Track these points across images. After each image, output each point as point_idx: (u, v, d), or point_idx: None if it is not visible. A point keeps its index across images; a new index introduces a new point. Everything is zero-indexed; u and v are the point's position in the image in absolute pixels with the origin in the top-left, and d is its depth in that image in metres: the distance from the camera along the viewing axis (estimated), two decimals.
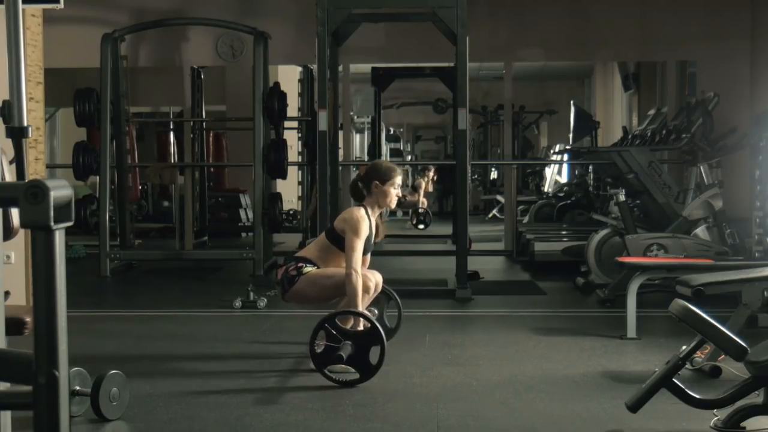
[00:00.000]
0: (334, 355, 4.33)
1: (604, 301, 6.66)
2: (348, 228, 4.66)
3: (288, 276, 4.71)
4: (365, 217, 4.72)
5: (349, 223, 4.67)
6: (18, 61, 3.25)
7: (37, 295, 1.61)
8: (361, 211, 4.73)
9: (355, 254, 4.59)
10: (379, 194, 4.80)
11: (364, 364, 4.40)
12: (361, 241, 4.63)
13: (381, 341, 4.38)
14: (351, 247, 4.61)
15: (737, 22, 9.53)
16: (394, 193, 4.81)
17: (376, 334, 4.40)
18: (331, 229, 4.80)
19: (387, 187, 4.79)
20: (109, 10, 9.71)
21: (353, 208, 4.80)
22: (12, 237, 3.08)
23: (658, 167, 7.79)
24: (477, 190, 17.03)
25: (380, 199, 4.81)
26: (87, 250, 9.53)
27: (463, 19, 6.94)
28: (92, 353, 4.97)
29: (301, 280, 4.68)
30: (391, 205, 4.90)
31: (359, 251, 4.62)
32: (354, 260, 4.58)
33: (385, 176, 4.81)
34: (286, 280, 4.72)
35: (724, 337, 3.58)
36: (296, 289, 4.70)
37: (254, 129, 8.47)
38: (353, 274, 4.56)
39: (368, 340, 4.42)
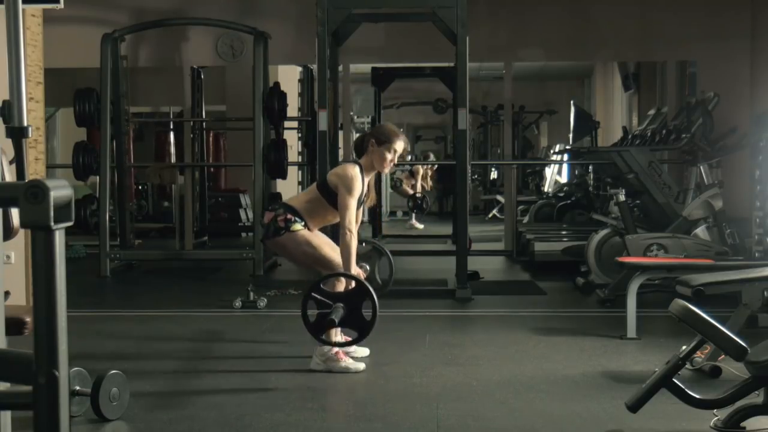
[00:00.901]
0: (329, 319, 4.29)
1: (604, 301, 6.66)
2: (341, 185, 4.60)
3: (276, 225, 4.63)
4: (359, 176, 4.65)
5: (343, 181, 4.61)
6: (18, 61, 3.25)
7: (37, 295, 1.61)
8: (355, 169, 4.67)
9: (348, 213, 4.54)
10: (374, 155, 4.73)
11: (359, 322, 4.36)
12: (354, 199, 4.58)
13: (370, 296, 4.34)
14: (344, 205, 4.56)
15: (737, 22, 9.53)
16: (389, 158, 4.71)
17: (363, 290, 4.35)
18: (324, 183, 4.73)
19: (383, 149, 4.71)
20: (109, 10, 9.71)
21: (348, 165, 4.72)
22: (12, 237, 3.08)
23: (658, 167, 7.79)
24: (477, 190, 17.03)
25: (375, 160, 4.73)
26: (87, 250, 9.53)
27: (463, 19, 6.94)
28: (92, 353, 4.97)
29: (287, 236, 4.60)
30: (383, 170, 4.80)
31: (353, 210, 4.57)
32: (348, 220, 4.53)
33: (383, 137, 4.74)
34: (272, 228, 4.64)
35: (724, 337, 3.58)
36: (279, 241, 4.64)
37: (254, 129, 8.47)
38: (347, 234, 4.51)
39: (358, 298, 4.37)
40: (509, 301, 7.15)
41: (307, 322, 4.38)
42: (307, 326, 4.40)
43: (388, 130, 4.82)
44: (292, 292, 7.21)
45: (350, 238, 4.51)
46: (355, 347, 5.00)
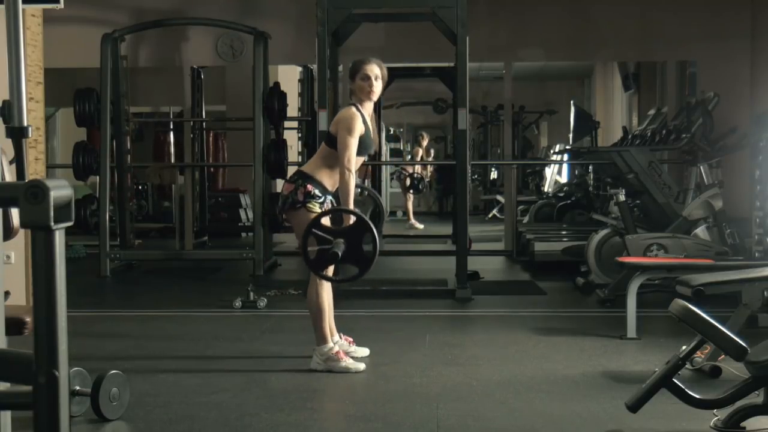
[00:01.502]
0: (331, 254, 4.30)
1: (604, 301, 6.66)
2: (340, 127, 4.62)
3: (294, 197, 4.61)
4: (356, 114, 4.65)
5: (341, 123, 4.63)
6: (18, 61, 3.25)
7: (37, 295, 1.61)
8: (351, 109, 4.67)
9: (348, 151, 4.55)
10: (355, 90, 4.75)
11: (360, 257, 4.37)
12: (353, 138, 4.58)
13: (370, 230, 4.35)
14: (344, 144, 4.56)
15: (737, 22, 9.53)
16: (366, 85, 4.70)
17: (363, 224, 4.36)
18: (329, 136, 4.74)
19: (357, 80, 4.73)
20: (109, 10, 9.71)
21: (343, 109, 4.75)
22: (12, 237, 3.08)
23: (658, 167, 7.79)
24: (477, 190, 17.03)
25: (359, 95, 4.73)
26: (87, 250, 9.53)
27: (463, 19, 6.94)
28: (92, 353, 4.97)
29: (302, 211, 4.58)
30: (368, 97, 4.74)
31: (352, 149, 4.56)
32: (347, 158, 4.53)
33: (353, 70, 4.76)
34: (290, 200, 4.62)
35: (724, 337, 3.58)
36: (294, 214, 4.62)
37: (254, 129, 8.46)
38: (346, 173, 4.52)
39: (358, 233, 4.37)
40: (509, 301, 7.15)
41: (308, 259, 4.38)
42: (307, 263, 4.41)
43: (354, 62, 4.84)
44: (292, 292, 7.21)
45: (349, 177, 4.52)
46: (355, 347, 5.01)
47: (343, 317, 5.28)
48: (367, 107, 4.77)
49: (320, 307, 4.69)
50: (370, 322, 6.08)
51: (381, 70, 4.77)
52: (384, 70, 4.81)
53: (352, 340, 5.06)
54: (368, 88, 4.71)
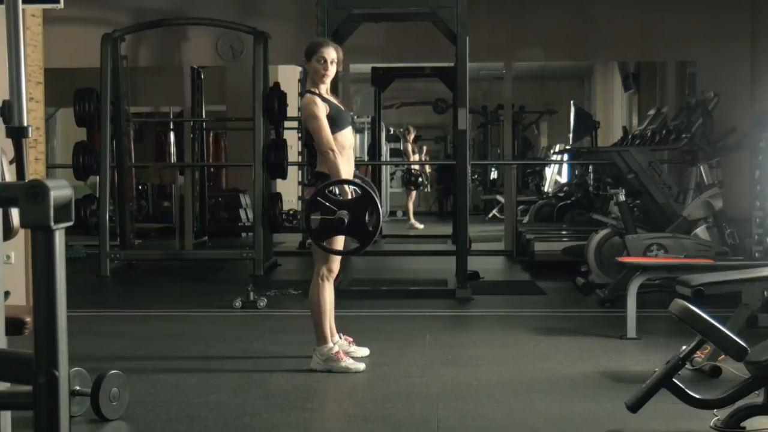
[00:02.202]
0: (335, 220, 4.33)
1: (604, 301, 6.66)
2: (306, 117, 4.65)
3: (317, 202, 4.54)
4: (313, 99, 4.64)
5: (304, 112, 4.66)
6: (18, 61, 3.25)
7: (37, 295, 1.61)
8: (306, 96, 4.69)
9: (320, 134, 4.57)
10: (310, 73, 4.73)
11: (362, 230, 4.39)
12: (320, 120, 4.58)
13: (374, 203, 4.38)
14: (314, 130, 4.59)
15: (737, 22, 9.53)
16: (321, 68, 4.66)
17: (368, 197, 4.40)
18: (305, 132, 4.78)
19: (312, 62, 4.70)
20: (109, 10, 9.71)
21: (303, 100, 4.75)
22: (12, 237, 3.08)
23: (658, 167, 7.79)
24: (477, 190, 17.03)
25: (313, 76, 4.71)
26: (87, 250, 9.52)
27: (463, 19, 6.94)
28: (92, 353, 4.97)
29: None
30: (322, 80, 4.70)
31: (324, 130, 4.57)
32: (324, 140, 4.56)
33: (309, 53, 4.74)
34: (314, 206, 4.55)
35: (724, 337, 3.58)
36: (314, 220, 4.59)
37: (254, 129, 8.46)
38: (329, 153, 4.54)
39: (362, 206, 4.40)
40: (509, 301, 7.15)
41: (310, 227, 4.41)
42: (309, 232, 4.44)
43: (311, 43, 4.82)
44: (292, 292, 7.21)
45: (333, 156, 4.54)
46: (355, 347, 5.01)
47: (343, 317, 5.28)
48: (323, 89, 4.75)
49: (321, 307, 4.69)
50: (370, 322, 6.08)
51: (338, 54, 4.77)
52: (340, 53, 4.79)
53: (352, 340, 5.06)
54: (322, 71, 4.70)
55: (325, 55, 4.70)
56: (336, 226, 4.36)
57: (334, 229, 4.39)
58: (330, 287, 4.78)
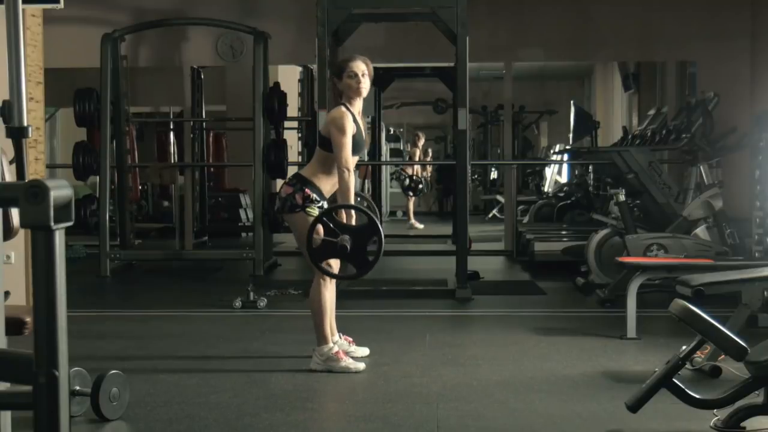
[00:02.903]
0: (337, 245, 4.32)
1: (604, 301, 6.66)
2: (332, 127, 4.59)
3: (293, 201, 4.61)
4: (346, 113, 4.63)
5: (332, 123, 4.60)
6: (18, 61, 3.25)
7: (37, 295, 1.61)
8: (341, 109, 4.65)
9: (343, 151, 4.53)
10: (344, 89, 4.71)
11: (362, 258, 4.38)
12: (347, 137, 4.56)
13: (378, 233, 4.37)
14: (338, 145, 4.54)
15: (737, 22, 9.53)
16: (354, 82, 4.66)
17: (373, 226, 4.39)
18: (322, 139, 4.73)
19: (345, 78, 4.69)
20: (109, 10, 9.71)
21: (333, 110, 4.72)
22: (12, 237, 3.08)
23: (658, 167, 7.79)
24: (477, 190, 17.03)
25: (348, 93, 4.70)
26: (87, 250, 9.52)
27: (463, 19, 6.94)
28: (92, 353, 4.97)
29: (301, 215, 4.58)
30: (358, 94, 4.70)
31: (348, 148, 4.55)
32: (344, 158, 4.52)
33: (338, 69, 4.74)
34: (288, 203, 4.62)
35: (724, 337, 3.58)
36: (292, 217, 4.62)
37: (254, 129, 8.46)
38: (345, 172, 4.51)
39: (366, 234, 4.39)
40: (509, 301, 7.15)
41: (311, 248, 4.39)
42: (309, 250, 4.42)
43: (338, 61, 4.84)
44: (292, 292, 7.21)
45: (348, 176, 4.51)
46: (355, 347, 5.01)
47: (343, 317, 5.28)
48: (356, 105, 4.74)
49: (322, 307, 4.69)
50: (370, 322, 6.08)
51: (368, 67, 4.75)
52: (370, 67, 4.78)
53: (352, 340, 5.06)
54: (356, 85, 4.68)
55: (356, 69, 4.69)
56: (338, 250, 4.35)
57: (335, 253, 4.38)
58: (331, 287, 4.78)
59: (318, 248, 4.41)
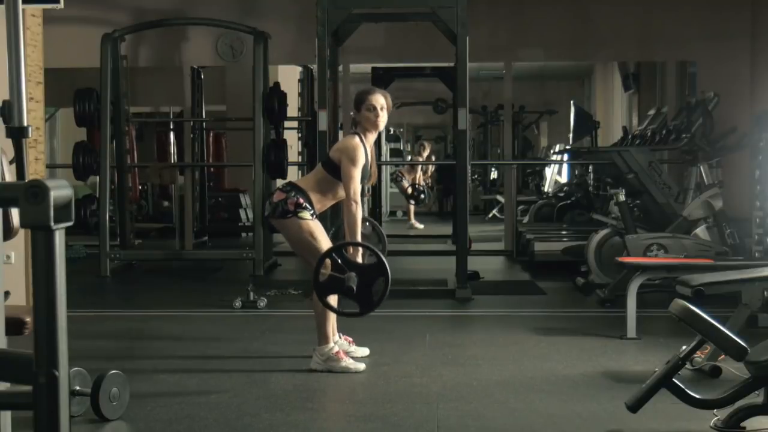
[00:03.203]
0: (344, 286, 4.31)
1: (604, 301, 6.66)
2: (344, 157, 4.59)
3: (284, 206, 4.61)
4: (360, 145, 4.63)
5: (344, 152, 4.60)
6: (18, 61, 3.25)
7: (37, 295, 1.61)
8: (355, 139, 4.66)
9: (353, 183, 4.53)
10: (361, 120, 4.73)
11: (366, 298, 4.37)
12: (358, 169, 4.56)
13: (386, 274, 4.35)
14: (349, 176, 4.54)
15: (737, 22, 9.53)
16: (372, 115, 4.67)
17: (381, 267, 4.36)
18: (328, 161, 4.72)
19: (363, 111, 4.70)
20: (109, 10, 9.71)
21: (347, 137, 4.73)
22: (12, 237, 3.08)
23: (658, 167, 7.79)
24: (477, 190, 17.03)
25: (365, 125, 4.71)
26: (87, 250, 9.52)
27: (463, 19, 6.94)
28: (92, 353, 4.97)
29: (293, 219, 4.59)
30: (375, 127, 4.71)
31: (357, 180, 4.55)
32: (353, 189, 4.52)
33: (358, 102, 4.74)
34: (280, 208, 4.62)
35: (724, 337, 3.58)
36: (284, 222, 4.63)
37: (254, 129, 8.46)
38: (353, 204, 4.50)
39: (373, 274, 4.37)
40: (509, 301, 7.15)
41: (317, 280, 4.38)
42: (315, 284, 4.40)
43: (358, 93, 4.82)
44: (292, 292, 7.21)
45: (356, 209, 4.50)
46: (355, 347, 5.01)
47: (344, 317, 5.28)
48: (370, 138, 4.76)
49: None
50: (370, 322, 6.05)
51: (386, 100, 4.77)
52: (389, 100, 4.80)
53: (352, 340, 5.06)
54: (374, 118, 4.69)
55: (374, 102, 4.70)
56: (344, 290, 4.33)
57: (341, 290, 4.36)
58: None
59: (324, 283, 4.39)
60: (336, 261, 4.36)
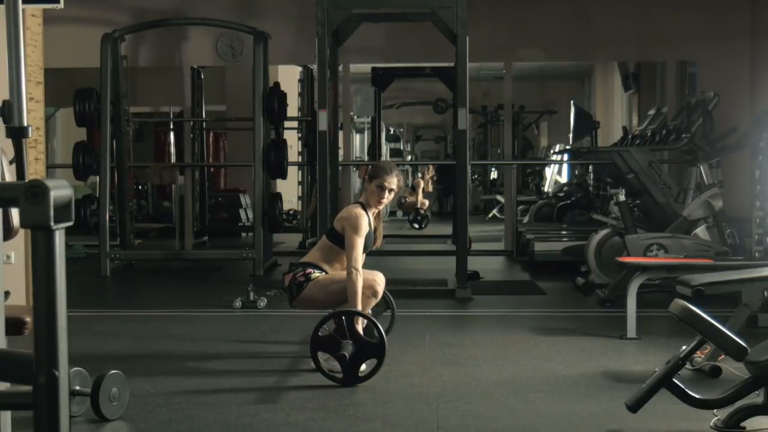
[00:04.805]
0: (338, 350, 4.31)
1: (604, 301, 6.66)
2: (347, 226, 4.64)
3: (296, 282, 4.68)
4: (363, 214, 4.69)
5: (347, 221, 4.65)
6: (18, 61, 3.25)
7: (37, 295, 1.61)
8: (358, 208, 4.71)
9: (355, 252, 4.57)
10: (368, 189, 4.77)
11: (354, 371, 4.39)
12: (360, 238, 4.61)
13: (381, 357, 4.38)
14: (351, 245, 4.59)
15: (737, 22, 9.53)
16: (378, 193, 4.71)
17: (380, 348, 4.39)
18: (331, 230, 4.79)
19: (372, 185, 4.74)
20: (109, 10, 9.71)
21: (351, 206, 4.78)
22: (12, 237, 3.08)
23: (658, 167, 7.79)
24: (477, 190, 17.04)
25: (369, 196, 4.76)
26: (87, 250, 9.53)
27: (463, 19, 6.94)
28: (92, 353, 4.97)
29: (310, 285, 4.65)
30: (376, 205, 4.77)
31: (359, 249, 4.59)
32: (354, 258, 4.56)
33: (372, 173, 4.78)
34: (294, 287, 4.69)
35: (724, 337, 3.58)
36: (305, 294, 4.67)
37: (254, 129, 8.47)
38: (354, 272, 4.53)
39: (369, 351, 4.40)
40: (509, 301, 7.15)
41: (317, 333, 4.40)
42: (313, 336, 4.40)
43: (377, 166, 4.87)
44: None
45: (356, 276, 4.52)
46: None
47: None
48: (373, 210, 4.80)
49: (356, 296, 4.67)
50: None
51: (398, 182, 4.80)
52: (400, 181, 4.84)
53: None
54: (378, 197, 4.74)
55: (386, 183, 4.72)
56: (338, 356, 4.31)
57: (332, 352, 4.36)
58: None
59: (322, 338, 4.40)
60: (341, 324, 4.38)
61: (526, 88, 15.41)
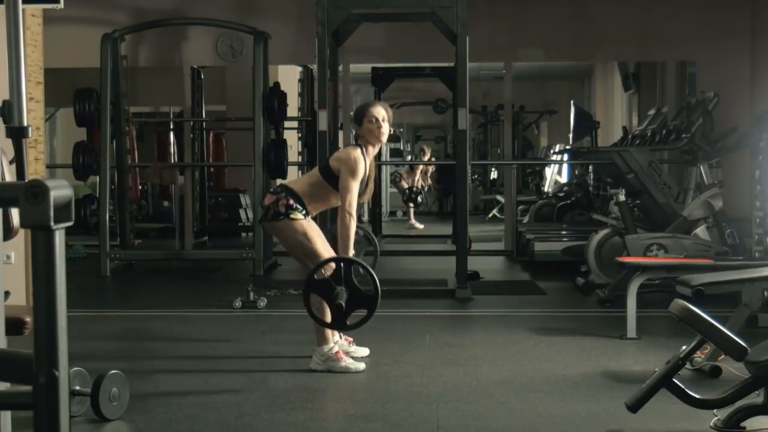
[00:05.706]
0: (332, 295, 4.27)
1: (604, 301, 6.66)
2: (344, 168, 4.57)
3: (276, 208, 4.60)
4: (361, 158, 4.62)
5: (345, 163, 4.58)
6: (18, 61, 3.25)
7: (37, 295, 1.61)
8: (357, 151, 4.64)
9: (350, 195, 4.51)
10: (362, 133, 4.71)
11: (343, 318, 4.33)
12: (356, 182, 4.55)
13: (372, 309, 4.33)
14: (346, 188, 4.53)
15: (737, 22, 9.53)
16: (373, 128, 4.66)
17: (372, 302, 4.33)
18: (326, 167, 4.70)
19: (364, 123, 4.69)
20: (109, 10, 9.71)
21: (349, 148, 4.72)
22: (12, 237, 3.08)
23: (658, 167, 7.79)
24: (477, 190, 17.03)
25: (367, 138, 4.70)
26: (87, 250, 9.53)
27: (463, 19, 6.94)
28: (92, 353, 4.97)
29: (285, 222, 4.58)
30: (379, 139, 4.70)
31: (355, 192, 4.54)
32: (349, 201, 4.50)
33: (358, 116, 4.74)
34: (272, 211, 4.61)
35: (724, 337, 3.58)
36: (276, 225, 4.63)
37: (254, 129, 8.47)
38: (347, 216, 4.48)
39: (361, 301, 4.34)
40: (509, 301, 7.15)
41: (312, 275, 4.35)
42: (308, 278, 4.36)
43: (358, 107, 4.83)
44: (292, 292, 7.21)
45: (350, 221, 4.49)
46: (355, 347, 5.01)
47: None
48: (372, 152, 4.75)
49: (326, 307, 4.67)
50: (370, 322, 6.05)
51: (387, 112, 4.75)
52: (390, 112, 4.79)
53: (352, 340, 5.06)
54: (376, 130, 4.68)
55: (375, 114, 4.69)
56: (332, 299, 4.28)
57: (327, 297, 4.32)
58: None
59: (318, 282, 4.35)
60: (339, 271, 4.35)
61: (526, 88, 15.40)
